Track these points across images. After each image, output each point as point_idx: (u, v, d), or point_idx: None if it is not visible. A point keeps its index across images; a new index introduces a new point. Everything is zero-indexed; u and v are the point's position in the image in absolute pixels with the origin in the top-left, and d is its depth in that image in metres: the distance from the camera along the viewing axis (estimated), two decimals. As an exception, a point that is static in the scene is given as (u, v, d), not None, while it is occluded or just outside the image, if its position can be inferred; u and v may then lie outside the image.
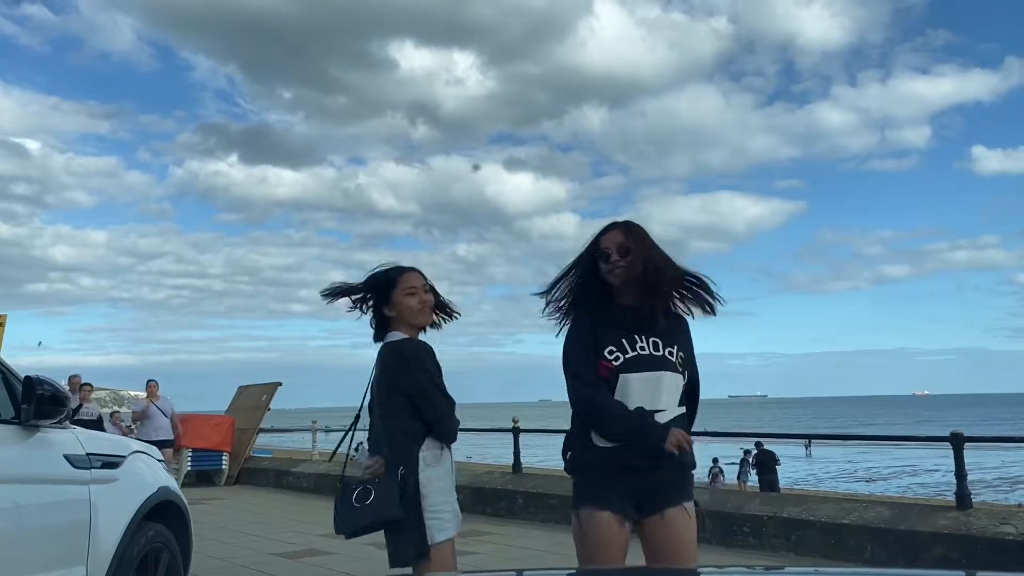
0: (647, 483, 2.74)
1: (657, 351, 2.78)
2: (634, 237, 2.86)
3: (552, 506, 8.58)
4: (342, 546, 7.37)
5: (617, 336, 2.78)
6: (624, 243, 2.84)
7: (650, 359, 2.76)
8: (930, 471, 33.35)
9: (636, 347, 2.77)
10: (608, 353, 2.77)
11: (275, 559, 6.93)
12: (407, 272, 3.22)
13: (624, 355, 2.76)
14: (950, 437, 6.38)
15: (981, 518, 5.78)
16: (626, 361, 2.76)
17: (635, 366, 2.75)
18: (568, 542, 6.53)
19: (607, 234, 2.89)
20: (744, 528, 6.75)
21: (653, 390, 2.74)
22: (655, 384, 2.75)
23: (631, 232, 2.88)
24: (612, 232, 2.89)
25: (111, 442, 3.87)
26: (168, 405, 13.37)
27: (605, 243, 2.87)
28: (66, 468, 3.25)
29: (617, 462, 2.74)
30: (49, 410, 3.11)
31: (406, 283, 3.16)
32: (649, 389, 2.74)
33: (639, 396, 2.73)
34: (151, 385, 13.50)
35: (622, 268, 2.82)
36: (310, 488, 12.22)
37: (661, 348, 2.78)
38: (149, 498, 3.74)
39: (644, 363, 2.76)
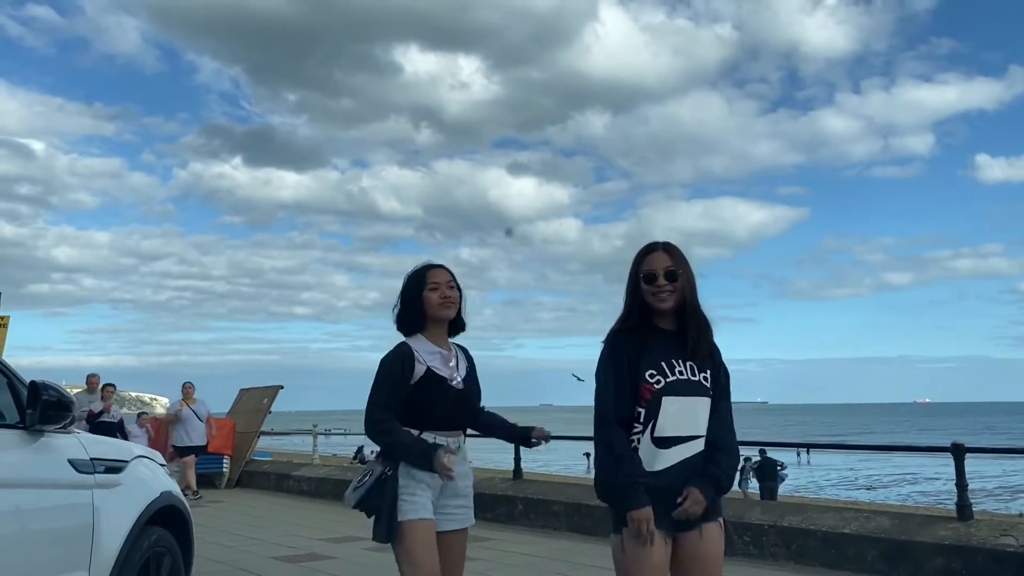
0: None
1: (694, 376, 2.82)
2: (679, 261, 2.88)
3: (553, 512, 8.58)
4: (343, 551, 7.38)
5: (657, 360, 2.81)
6: (672, 267, 2.85)
7: (687, 384, 2.81)
8: (931, 479, 33.31)
9: (675, 371, 2.81)
10: (649, 376, 2.79)
11: (276, 563, 6.93)
12: (434, 268, 3.33)
13: (665, 379, 2.79)
14: (951, 447, 6.38)
15: (982, 529, 5.78)
16: (667, 385, 2.79)
17: (675, 390, 2.79)
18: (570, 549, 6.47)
19: (651, 255, 2.89)
20: (745, 536, 6.75)
21: (689, 415, 2.80)
22: (692, 409, 2.80)
23: (675, 255, 2.89)
24: (657, 254, 2.88)
25: (114, 447, 3.88)
26: (204, 409, 13.16)
27: (650, 265, 2.87)
28: (70, 473, 3.26)
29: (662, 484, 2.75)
30: (54, 415, 3.11)
31: (431, 278, 3.29)
32: (686, 414, 2.79)
33: (676, 420, 2.78)
34: (187, 387, 13.20)
35: (669, 292, 2.83)
36: (311, 492, 12.22)
37: (697, 373, 2.82)
38: (152, 503, 3.75)
39: (683, 387, 2.80)
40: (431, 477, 3.10)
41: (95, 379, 12.90)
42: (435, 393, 3.18)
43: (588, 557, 6.83)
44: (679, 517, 2.72)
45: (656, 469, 2.76)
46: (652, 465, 2.76)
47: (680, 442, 2.78)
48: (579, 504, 8.32)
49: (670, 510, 2.75)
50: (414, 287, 3.29)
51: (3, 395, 3.15)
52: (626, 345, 2.84)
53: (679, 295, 2.84)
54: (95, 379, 12.90)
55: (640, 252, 2.93)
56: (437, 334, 3.32)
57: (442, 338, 3.33)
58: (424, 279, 3.29)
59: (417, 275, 3.32)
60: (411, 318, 3.30)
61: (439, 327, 3.32)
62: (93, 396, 12.50)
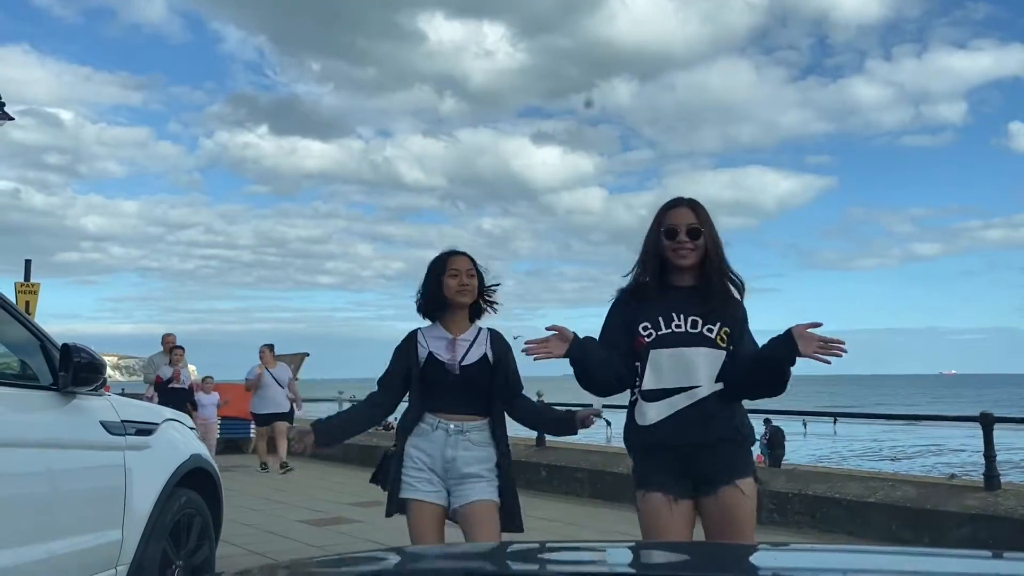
0: (697, 461, 2.72)
1: (695, 328, 2.74)
2: (703, 218, 2.79)
3: (576, 479, 8.63)
4: (368, 515, 7.46)
5: (655, 314, 2.76)
6: (695, 224, 2.77)
7: (684, 336, 2.73)
8: (956, 451, 33.05)
9: (672, 325, 2.74)
10: (642, 329, 2.76)
11: (303, 526, 7.04)
12: (454, 255, 3.38)
13: (657, 332, 2.75)
14: (979, 417, 6.32)
15: (1010, 499, 5.74)
16: (658, 337, 2.74)
17: (665, 342, 2.73)
18: (592, 514, 6.48)
19: (674, 210, 2.81)
20: (769, 505, 6.75)
21: (686, 366, 2.72)
22: (688, 360, 2.72)
23: (700, 211, 2.80)
24: (681, 210, 2.81)
25: (145, 409, 3.94)
26: (285, 373, 11.95)
27: (672, 220, 2.79)
28: (102, 434, 3.31)
29: (653, 439, 2.75)
30: (86, 377, 3.16)
31: (451, 264, 3.34)
32: (681, 365, 2.72)
33: (670, 372, 2.73)
34: (264, 350, 11.86)
35: (690, 250, 2.76)
36: (338, 458, 12.33)
37: (700, 326, 2.74)
38: (182, 465, 3.81)
39: (677, 339, 2.73)
40: (429, 457, 3.23)
41: (170, 338, 11.48)
42: (435, 376, 3.28)
43: (610, 522, 6.88)
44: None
45: (647, 423, 2.74)
46: (644, 419, 2.74)
47: (671, 394, 2.71)
48: (602, 471, 8.36)
49: (683, 468, 2.72)
50: (435, 272, 3.36)
51: (36, 357, 3.20)
52: (625, 307, 2.83)
53: (700, 252, 2.76)
54: (170, 338, 11.48)
55: (664, 206, 2.86)
56: (454, 320, 3.37)
57: (458, 323, 3.38)
58: (445, 265, 3.35)
59: (439, 261, 3.39)
60: (430, 303, 3.38)
61: (457, 313, 3.37)
62: (168, 355, 11.26)
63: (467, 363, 3.30)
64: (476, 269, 3.37)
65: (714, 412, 2.72)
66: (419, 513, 3.22)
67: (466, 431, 3.24)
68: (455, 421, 3.25)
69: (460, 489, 3.22)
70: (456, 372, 3.27)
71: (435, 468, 3.23)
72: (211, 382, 13.11)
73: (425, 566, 1.30)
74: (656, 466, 2.76)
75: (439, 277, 3.33)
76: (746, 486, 2.74)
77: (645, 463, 2.81)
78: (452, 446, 3.22)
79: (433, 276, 3.36)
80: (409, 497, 3.23)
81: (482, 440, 3.28)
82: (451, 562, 1.36)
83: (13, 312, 3.21)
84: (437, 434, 3.24)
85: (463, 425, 3.25)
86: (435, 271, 3.36)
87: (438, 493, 3.23)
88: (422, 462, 3.24)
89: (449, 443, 3.22)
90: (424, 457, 3.24)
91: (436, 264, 3.38)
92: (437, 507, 3.23)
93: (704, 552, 1.79)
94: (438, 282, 3.33)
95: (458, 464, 3.22)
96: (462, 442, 3.23)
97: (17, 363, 3.27)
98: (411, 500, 3.22)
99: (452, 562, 1.35)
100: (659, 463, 2.75)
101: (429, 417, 3.27)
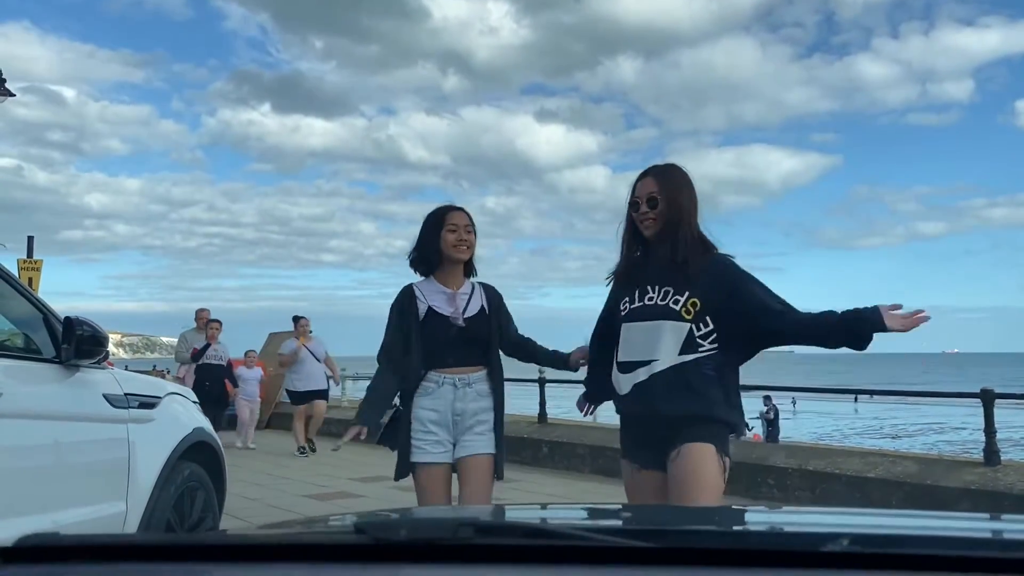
0: (659, 432, 2.70)
1: (664, 300, 2.71)
2: (666, 185, 2.76)
3: (577, 455, 8.68)
4: (371, 490, 7.51)
5: (633, 288, 2.79)
6: (654, 193, 2.75)
7: (653, 308, 2.72)
8: (957, 428, 33.09)
9: (645, 297, 2.75)
10: (621, 305, 2.82)
11: (306, 500, 7.09)
12: (453, 210, 3.39)
13: (631, 305, 2.78)
14: (980, 393, 6.33)
15: (1009, 474, 5.76)
16: (630, 311, 2.78)
17: (636, 316, 2.76)
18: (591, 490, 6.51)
19: (641, 181, 2.82)
20: (768, 480, 6.79)
21: (648, 340, 2.71)
22: (651, 333, 2.71)
23: (663, 179, 2.78)
24: (645, 180, 2.80)
25: (147, 383, 3.96)
26: (321, 348, 11.11)
27: (637, 192, 2.81)
28: (105, 407, 3.33)
29: (624, 410, 2.86)
30: (88, 350, 3.17)
31: (449, 220, 3.34)
32: (644, 338, 2.72)
33: (632, 345, 2.76)
34: (301, 323, 11.06)
35: (651, 220, 2.75)
36: (339, 434, 12.36)
37: (668, 297, 2.71)
38: (185, 438, 3.83)
39: (645, 312, 2.74)
40: (438, 414, 3.25)
41: (205, 313, 11.06)
42: (437, 331, 3.29)
43: (610, 498, 6.91)
44: None
45: (620, 394, 2.81)
46: (619, 390, 2.82)
47: (636, 367, 2.72)
48: (603, 447, 8.39)
49: (634, 436, 2.82)
50: (432, 227, 3.35)
51: (39, 331, 3.21)
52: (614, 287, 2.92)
53: (661, 221, 2.74)
54: (205, 313, 11.06)
55: (634, 179, 2.86)
56: (450, 275, 3.39)
57: (455, 279, 3.39)
58: (443, 220, 3.34)
59: (436, 215, 3.38)
60: (426, 257, 3.38)
61: (453, 268, 3.38)
62: (202, 333, 10.93)
63: (468, 315, 3.33)
64: (473, 226, 3.38)
65: (672, 386, 2.66)
66: (429, 476, 3.27)
67: (472, 383, 3.30)
68: (460, 374, 3.30)
69: (465, 440, 3.29)
70: (461, 324, 3.30)
71: (446, 424, 3.28)
72: (254, 356, 12.56)
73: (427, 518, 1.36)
74: (626, 435, 2.88)
75: (437, 231, 3.33)
76: (706, 450, 2.62)
77: (621, 432, 2.92)
78: (460, 399, 3.28)
79: (431, 230, 3.36)
80: (420, 461, 3.26)
81: (484, 391, 3.35)
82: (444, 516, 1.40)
83: (15, 285, 3.21)
84: (444, 390, 3.29)
85: (468, 378, 3.31)
86: (433, 225, 3.36)
87: (446, 452, 3.28)
88: (431, 422, 3.27)
89: (458, 396, 3.28)
90: (433, 415, 3.27)
91: (433, 219, 3.37)
92: (447, 466, 3.30)
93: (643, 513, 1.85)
94: (436, 236, 3.33)
95: (466, 417, 3.28)
96: (470, 394, 3.30)
97: (20, 336, 3.28)
98: (420, 464, 3.27)
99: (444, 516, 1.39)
100: (629, 433, 2.86)
101: (433, 374, 3.29)
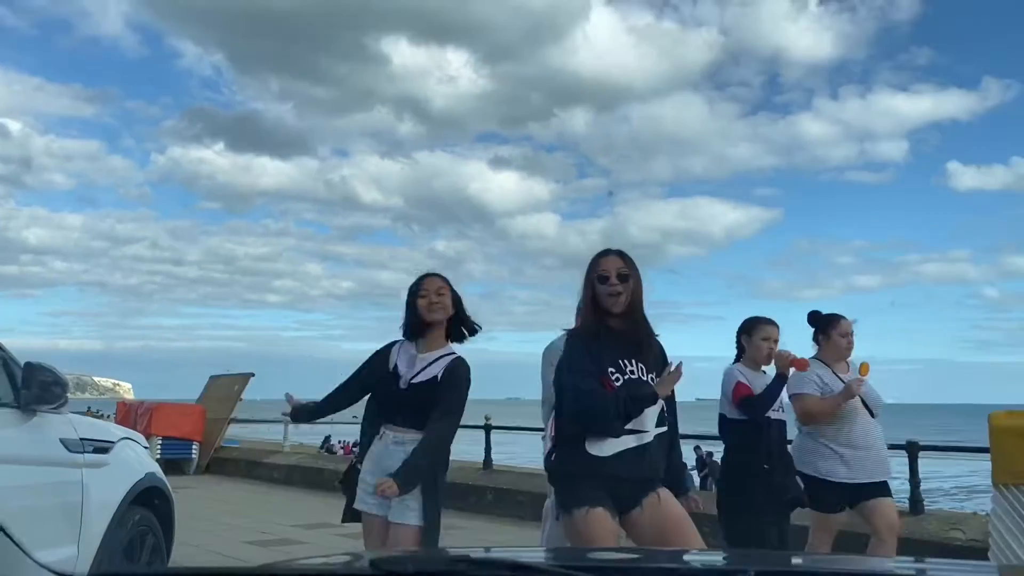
0: (631, 492, 3.00)
1: (644, 376, 3.02)
2: (631, 265, 3.08)
3: (520, 502, 8.75)
4: (315, 536, 7.49)
5: (613, 359, 3.02)
6: (624, 269, 3.05)
7: (639, 384, 3.01)
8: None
9: (628, 371, 3.01)
10: (611, 373, 3.00)
11: (250, 547, 7.04)
12: (426, 278, 3.58)
13: (623, 377, 2.99)
14: (906, 445, 6.64)
15: (932, 523, 6.05)
16: (624, 383, 2.99)
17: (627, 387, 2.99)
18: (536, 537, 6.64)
19: (605, 258, 3.10)
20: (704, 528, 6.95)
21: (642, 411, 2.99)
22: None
23: (628, 259, 3.09)
24: (611, 256, 3.10)
25: (101, 428, 3.99)
26: None
27: (604, 266, 3.07)
28: (61, 451, 3.37)
29: (607, 470, 2.97)
30: (48, 395, 3.22)
31: (421, 287, 3.54)
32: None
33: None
34: None
35: (620, 293, 3.03)
36: (281, 479, 12.28)
37: (645, 374, 3.02)
38: (137, 483, 3.87)
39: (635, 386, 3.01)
40: (372, 466, 3.45)
41: None
42: (389, 388, 3.50)
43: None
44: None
45: (604, 455, 2.97)
46: (601, 451, 2.97)
47: (626, 433, 2.99)
48: (543, 494, 8.48)
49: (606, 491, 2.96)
50: (410, 296, 3.57)
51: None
52: (585, 346, 3.05)
53: (627, 297, 3.03)
54: None
55: (595, 256, 3.14)
56: (430, 339, 3.56)
57: (435, 343, 3.56)
58: (417, 288, 3.55)
59: (413, 285, 3.59)
60: (408, 323, 3.59)
61: (433, 333, 3.55)
62: None
63: (417, 381, 3.45)
64: (450, 288, 3.56)
65: (655, 454, 3.04)
66: (367, 524, 3.48)
67: (406, 444, 3.39)
68: (399, 434, 3.44)
69: (395, 503, 3.34)
70: (403, 387, 3.46)
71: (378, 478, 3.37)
72: None
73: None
74: (597, 487, 2.99)
75: (414, 299, 3.53)
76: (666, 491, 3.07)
77: (586, 486, 2.99)
78: (389, 457, 3.39)
79: (409, 299, 3.57)
80: (359, 508, 3.49)
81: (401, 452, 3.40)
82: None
83: (-24, 330, 3.25)
84: (381, 444, 3.47)
85: (403, 438, 3.42)
86: (410, 295, 3.56)
87: (381, 505, 3.39)
88: (368, 472, 3.46)
89: (388, 454, 3.41)
90: (369, 466, 3.48)
91: (411, 288, 3.58)
92: (383, 519, 3.41)
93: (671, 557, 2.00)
94: (414, 304, 3.53)
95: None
96: (398, 453, 3.38)
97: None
98: (362, 511, 3.48)
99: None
100: (601, 487, 2.98)
101: (382, 428, 3.50)
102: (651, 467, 3.04)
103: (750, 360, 4.33)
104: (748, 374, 4.27)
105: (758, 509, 4.12)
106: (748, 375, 4.26)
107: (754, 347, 4.30)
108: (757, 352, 4.29)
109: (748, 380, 4.23)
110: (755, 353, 4.30)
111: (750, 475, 4.16)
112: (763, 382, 4.22)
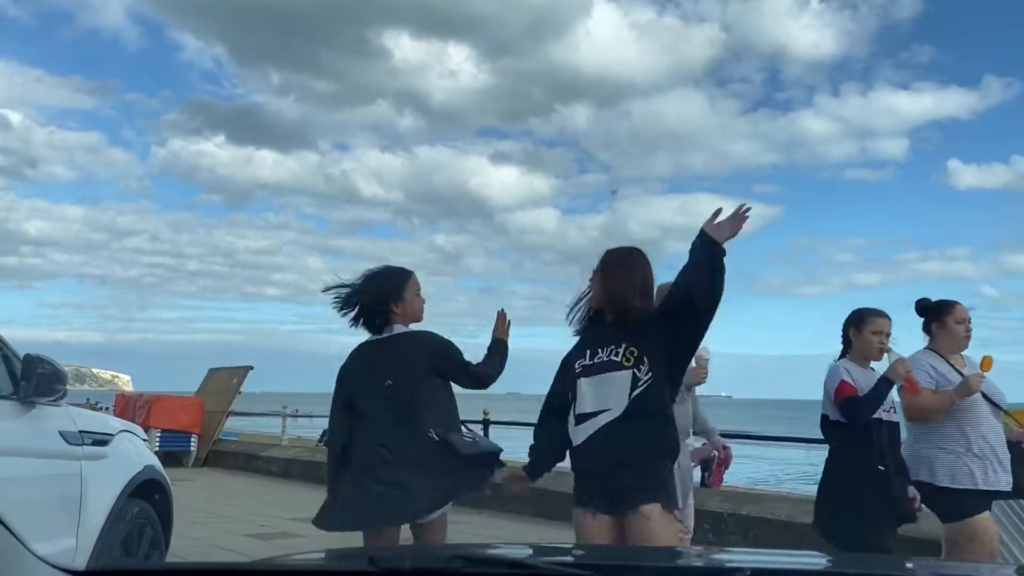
0: (609, 482, 2.96)
1: (614, 356, 3.01)
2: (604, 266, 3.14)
3: (519, 498, 8.74)
4: (314, 530, 7.45)
5: (585, 349, 3.09)
6: (598, 270, 3.16)
7: (603, 364, 3.02)
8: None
9: (596, 357, 3.04)
10: (577, 366, 3.08)
11: (248, 540, 7.05)
12: (414, 274, 3.67)
13: (583, 363, 3.05)
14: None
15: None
16: (583, 368, 3.05)
17: (588, 371, 3.03)
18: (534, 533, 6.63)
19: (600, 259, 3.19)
20: (704, 524, 6.98)
21: (600, 392, 2.99)
22: (602, 385, 3.00)
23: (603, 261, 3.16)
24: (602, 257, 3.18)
25: (100, 420, 3.99)
26: None
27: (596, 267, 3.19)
28: (60, 443, 3.37)
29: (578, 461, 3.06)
30: (47, 388, 3.22)
31: (416, 284, 3.64)
32: (596, 391, 3.01)
33: (587, 398, 3.02)
34: None
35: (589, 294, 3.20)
36: (279, 473, 12.28)
37: (617, 353, 3.01)
38: (135, 476, 3.87)
39: (596, 368, 3.03)
40: None
41: None
42: None
43: (550, 540, 7.02)
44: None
45: (575, 445, 3.04)
46: (575, 442, 3.04)
47: (588, 418, 2.99)
48: (544, 490, 8.48)
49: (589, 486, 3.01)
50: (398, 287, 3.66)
51: (-3, 368, 3.24)
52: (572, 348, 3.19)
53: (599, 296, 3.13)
54: None
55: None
56: None
57: None
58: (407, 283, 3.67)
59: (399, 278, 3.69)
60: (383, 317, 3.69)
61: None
62: None
63: None
64: None
65: (623, 434, 2.92)
66: None
67: None
68: None
69: None
70: None
71: None
72: None
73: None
74: (582, 485, 3.06)
75: None
76: (652, 511, 2.84)
77: (576, 482, 3.10)
78: None
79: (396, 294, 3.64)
80: None
81: None
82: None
83: (-26, 322, 3.25)
84: None
85: None
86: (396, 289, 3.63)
87: None
88: None
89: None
90: None
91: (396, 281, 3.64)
92: None
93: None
94: None
95: None
96: None
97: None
98: None
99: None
100: (584, 483, 3.05)
101: None
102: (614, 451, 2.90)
103: (858, 356, 3.86)
104: (855, 371, 3.79)
105: (871, 517, 3.62)
106: (855, 372, 3.79)
107: (863, 341, 3.83)
108: (867, 347, 3.82)
109: (854, 379, 3.75)
110: (864, 348, 3.84)
111: (863, 479, 3.65)
112: (871, 381, 3.74)
